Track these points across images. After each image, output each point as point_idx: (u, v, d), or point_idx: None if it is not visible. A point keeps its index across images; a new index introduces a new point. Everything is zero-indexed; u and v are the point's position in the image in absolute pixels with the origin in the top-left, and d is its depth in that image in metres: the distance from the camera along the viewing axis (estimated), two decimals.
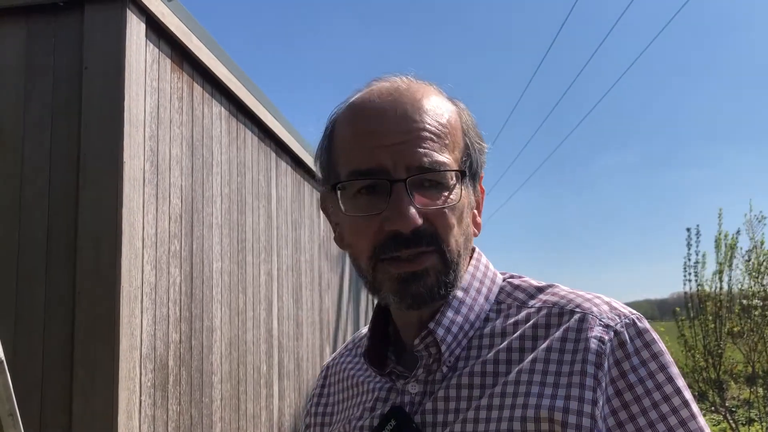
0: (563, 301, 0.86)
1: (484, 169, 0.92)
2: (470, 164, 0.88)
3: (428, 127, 0.83)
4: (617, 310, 0.84)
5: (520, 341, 0.85)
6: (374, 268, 0.84)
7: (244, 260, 3.84)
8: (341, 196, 0.86)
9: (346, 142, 0.87)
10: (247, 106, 3.88)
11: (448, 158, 0.83)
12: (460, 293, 0.89)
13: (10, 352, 2.39)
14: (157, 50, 2.87)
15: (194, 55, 3.15)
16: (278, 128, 4.49)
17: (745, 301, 6.38)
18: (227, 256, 3.56)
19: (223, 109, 3.61)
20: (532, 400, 0.79)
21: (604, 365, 0.79)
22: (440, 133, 0.84)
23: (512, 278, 0.94)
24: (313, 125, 0.94)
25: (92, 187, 2.54)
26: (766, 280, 6.31)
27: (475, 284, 0.91)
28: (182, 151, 3.06)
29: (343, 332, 6.50)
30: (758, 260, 6.34)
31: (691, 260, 6.59)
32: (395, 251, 0.82)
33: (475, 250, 0.95)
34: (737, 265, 6.39)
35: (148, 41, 2.79)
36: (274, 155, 4.56)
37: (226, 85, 3.54)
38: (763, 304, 6.22)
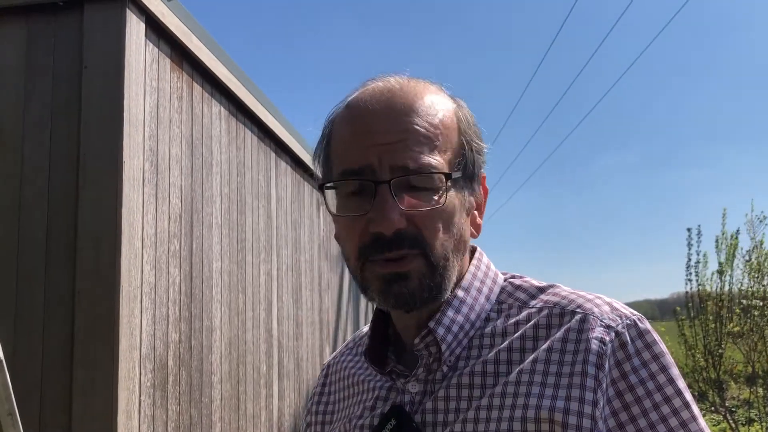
0: (564, 301, 0.86)
1: (484, 168, 0.91)
2: (465, 165, 0.86)
3: (417, 128, 0.82)
4: (618, 310, 0.83)
5: (520, 341, 0.84)
6: (362, 268, 0.84)
7: (243, 260, 3.84)
8: (335, 195, 0.86)
9: (338, 142, 0.87)
10: (246, 105, 3.88)
11: (437, 160, 0.82)
12: (460, 293, 0.88)
13: (9, 351, 2.39)
14: (156, 50, 2.87)
15: (194, 54, 3.15)
16: (278, 128, 4.49)
17: (745, 301, 6.38)
18: (227, 255, 3.56)
19: (222, 108, 3.61)
20: (532, 400, 0.78)
21: (604, 366, 0.78)
22: (430, 134, 0.83)
23: (513, 278, 0.94)
24: (312, 125, 0.94)
25: (92, 186, 2.54)
26: (766, 280, 6.31)
27: (476, 284, 0.90)
28: (182, 150, 3.06)
29: (342, 332, 6.50)
30: (758, 260, 6.34)
31: (691, 260, 6.60)
32: (378, 253, 0.82)
33: (476, 250, 0.94)
34: (737, 265, 6.39)
35: (147, 41, 2.79)
36: (273, 155, 4.56)
37: (225, 84, 3.53)
38: (762, 304, 6.22)
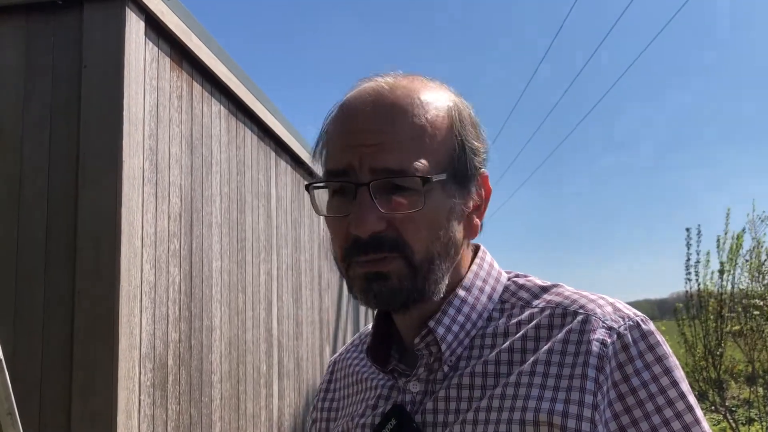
0: (567, 301, 0.85)
1: (484, 167, 0.89)
2: (457, 166, 0.84)
3: (402, 129, 0.81)
4: (621, 311, 0.82)
5: (522, 342, 0.84)
6: (347, 268, 0.84)
7: (243, 259, 3.83)
8: (325, 194, 0.86)
9: (328, 142, 0.87)
10: (246, 104, 3.87)
11: (421, 162, 0.80)
12: (462, 292, 0.88)
13: (9, 351, 2.39)
14: (156, 49, 2.87)
15: (193, 53, 3.15)
16: (278, 127, 4.48)
17: (745, 300, 6.37)
18: (227, 255, 3.56)
19: (222, 107, 3.60)
20: (531, 403, 0.78)
21: (605, 368, 0.78)
22: (416, 135, 0.81)
23: (517, 277, 0.93)
24: (312, 124, 0.94)
25: (92, 185, 2.53)
26: (767, 280, 6.30)
27: (477, 283, 0.89)
28: (182, 149, 3.05)
29: (342, 332, 6.50)
30: (759, 260, 6.33)
31: (691, 260, 6.60)
32: (357, 255, 0.81)
33: (479, 248, 0.93)
34: (739, 264, 6.38)
35: (147, 40, 2.78)
36: (273, 154, 4.56)
37: (225, 83, 3.53)
38: (763, 303, 6.21)
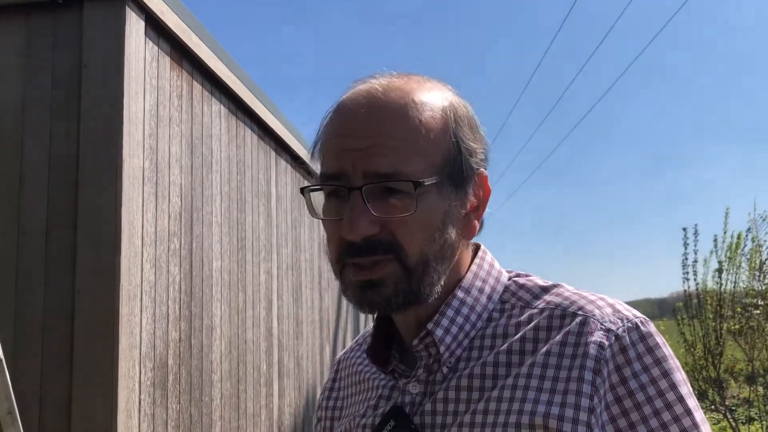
0: (566, 302, 0.84)
1: (483, 167, 0.88)
2: (453, 167, 0.83)
3: (395, 132, 0.80)
4: (620, 313, 0.82)
5: (520, 343, 0.83)
6: (341, 271, 0.85)
7: (243, 259, 3.83)
8: (321, 197, 0.86)
9: (323, 144, 0.87)
10: (246, 104, 3.87)
11: (415, 165, 0.79)
12: (460, 293, 0.87)
13: (9, 350, 2.38)
14: (156, 48, 2.87)
15: (193, 52, 3.15)
16: (278, 126, 4.48)
17: (746, 299, 6.37)
18: (227, 254, 3.56)
19: (222, 107, 3.60)
20: (527, 406, 0.77)
21: (602, 371, 0.77)
22: (408, 137, 0.80)
23: (518, 277, 0.92)
24: (310, 124, 0.94)
25: (91, 185, 2.53)
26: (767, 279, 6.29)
27: (477, 284, 0.89)
28: (182, 149, 3.05)
29: (343, 331, 6.50)
30: (760, 259, 6.33)
31: (689, 259, 6.59)
32: (350, 258, 0.82)
33: (480, 247, 0.93)
34: (740, 263, 6.38)
35: (147, 39, 2.78)
36: (273, 153, 4.56)
37: (225, 83, 3.53)
38: (764, 303, 6.21)
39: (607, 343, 0.78)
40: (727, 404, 6.83)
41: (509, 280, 0.92)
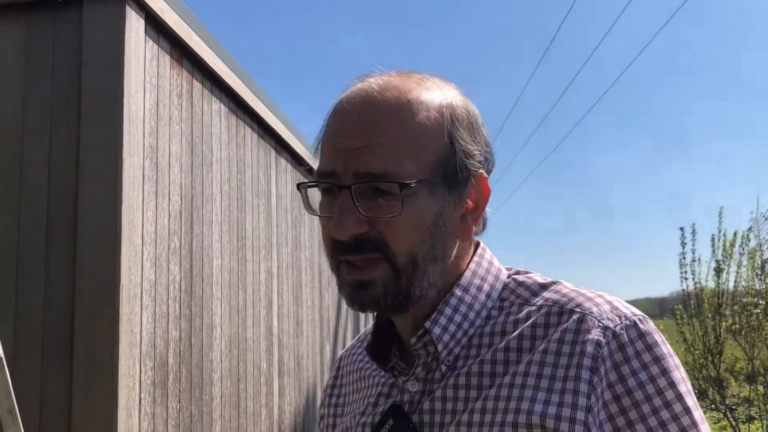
0: (564, 299, 0.84)
1: (483, 168, 0.87)
2: (447, 168, 0.82)
3: (387, 132, 0.80)
4: (619, 310, 0.81)
5: (518, 341, 0.83)
6: (337, 267, 0.85)
7: (243, 258, 3.83)
8: (316, 193, 0.87)
9: (322, 142, 0.87)
10: (246, 102, 3.87)
11: (406, 165, 0.79)
12: (459, 291, 0.87)
13: (9, 349, 2.39)
14: (156, 47, 2.87)
15: (194, 51, 3.15)
16: (278, 125, 4.48)
17: (746, 299, 6.35)
18: (227, 253, 3.56)
19: (222, 105, 3.60)
20: (524, 405, 0.77)
21: (600, 370, 0.76)
22: (402, 138, 0.80)
23: (518, 274, 0.92)
24: (311, 123, 0.94)
25: (92, 184, 2.53)
26: None
27: (475, 281, 0.88)
28: (182, 148, 3.05)
29: (343, 330, 6.50)
30: (762, 258, 6.31)
31: (686, 258, 6.57)
32: (342, 255, 0.82)
33: (479, 245, 0.93)
34: (741, 262, 6.36)
35: (147, 37, 2.78)
36: (273, 152, 4.56)
37: (225, 81, 3.53)
38: (765, 302, 6.19)
39: (604, 341, 0.78)
40: (727, 403, 6.83)
41: (509, 277, 0.92)
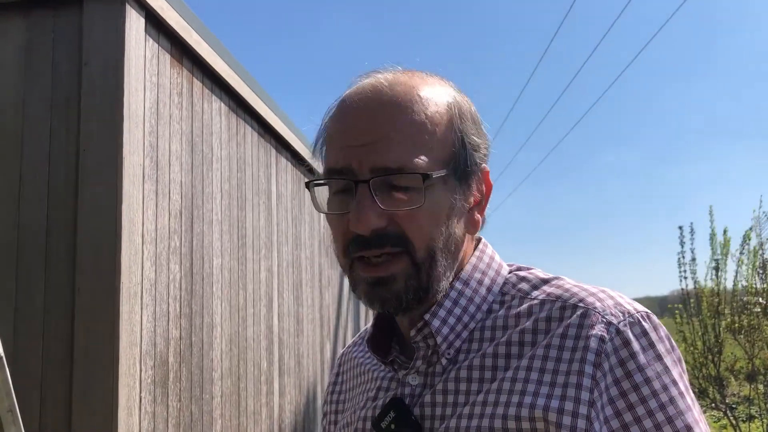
0: (567, 294, 0.84)
1: (485, 163, 0.89)
2: (457, 162, 0.83)
3: (401, 126, 0.81)
4: (622, 306, 0.81)
5: (520, 335, 0.83)
6: (350, 267, 0.84)
7: (244, 257, 3.83)
8: (326, 192, 0.86)
9: (327, 139, 0.87)
10: (246, 101, 3.87)
11: (421, 159, 0.80)
12: (459, 285, 0.87)
13: (10, 348, 2.39)
14: (156, 45, 2.86)
15: (194, 50, 3.14)
16: (278, 124, 4.48)
17: (746, 297, 6.35)
18: (227, 252, 3.56)
19: (222, 104, 3.60)
20: (527, 398, 0.77)
21: (603, 365, 0.76)
22: (415, 132, 0.81)
23: (519, 269, 0.92)
24: (311, 121, 0.93)
25: (92, 183, 2.53)
26: None
27: (476, 275, 0.89)
28: (182, 146, 3.05)
29: (343, 329, 6.50)
30: (762, 257, 6.30)
31: (685, 258, 6.56)
32: (359, 252, 0.81)
33: (480, 241, 0.93)
34: (741, 261, 6.35)
35: (147, 36, 2.78)
36: (274, 151, 4.56)
37: (225, 80, 3.52)
38: (765, 301, 6.19)
39: (608, 336, 0.78)
40: (727, 402, 6.83)
41: (510, 273, 0.92)
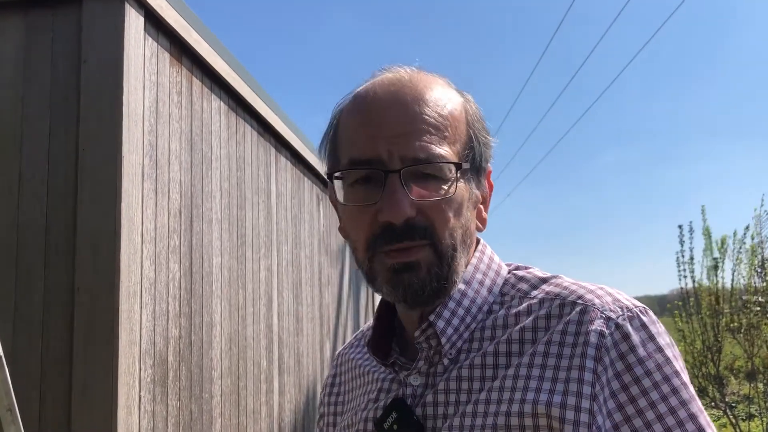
0: (565, 292, 0.85)
1: (490, 163, 0.92)
2: (473, 157, 0.87)
3: (427, 119, 0.82)
4: (620, 302, 0.82)
5: (520, 333, 0.84)
6: (370, 259, 0.84)
7: (243, 256, 3.83)
8: (342, 185, 0.87)
9: (348, 132, 0.87)
10: (246, 100, 3.87)
11: (446, 151, 0.82)
12: (462, 285, 0.88)
13: (9, 347, 2.38)
14: (155, 44, 2.86)
15: (193, 49, 3.14)
16: (278, 123, 4.47)
17: (746, 296, 6.35)
18: (227, 251, 3.55)
19: (222, 103, 3.60)
20: (530, 395, 0.78)
21: (604, 359, 0.77)
22: (440, 125, 0.83)
23: (518, 269, 0.94)
24: (311, 121, 0.94)
25: (91, 182, 2.53)
26: None
27: (477, 276, 0.90)
28: (181, 145, 3.05)
29: (343, 328, 6.50)
30: (762, 256, 6.30)
31: (684, 257, 6.57)
32: (387, 243, 0.81)
33: (479, 242, 0.94)
34: (740, 259, 6.36)
35: (146, 35, 2.77)
36: (273, 150, 4.55)
37: (225, 79, 3.52)
38: (766, 301, 6.19)
39: (607, 331, 0.79)
40: (727, 401, 6.83)
41: (509, 273, 0.93)
